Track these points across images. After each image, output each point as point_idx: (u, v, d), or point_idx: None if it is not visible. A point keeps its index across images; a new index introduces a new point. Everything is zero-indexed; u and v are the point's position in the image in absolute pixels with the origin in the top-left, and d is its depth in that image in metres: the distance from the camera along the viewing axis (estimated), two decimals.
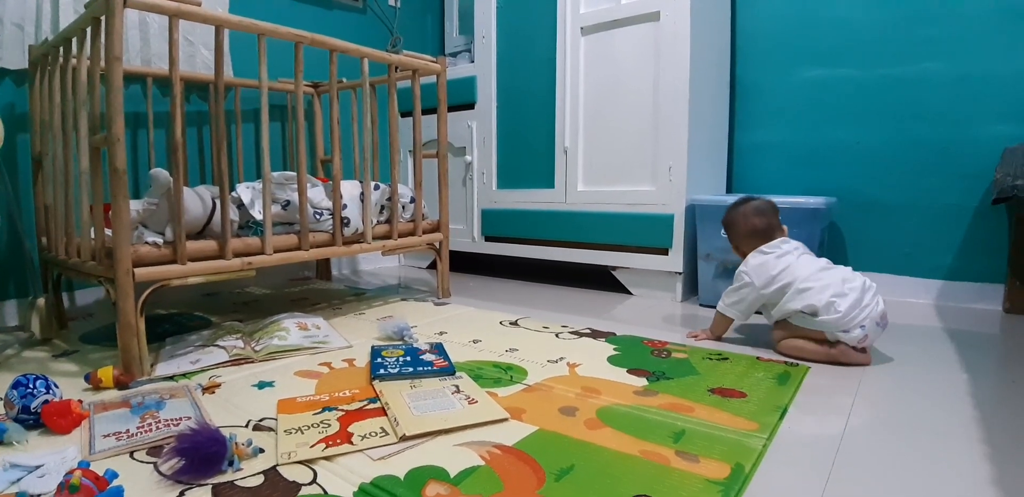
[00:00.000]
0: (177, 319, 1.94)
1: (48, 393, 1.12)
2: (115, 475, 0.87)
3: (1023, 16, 1.95)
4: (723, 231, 1.75)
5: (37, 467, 0.90)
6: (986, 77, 2.03)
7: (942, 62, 2.09)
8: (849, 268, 1.55)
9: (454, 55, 3.03)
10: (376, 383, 1.26)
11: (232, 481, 0.88)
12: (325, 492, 0.85)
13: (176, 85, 1.40)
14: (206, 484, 0.87)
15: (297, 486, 0.87)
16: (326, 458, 0.95)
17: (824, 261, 1.58)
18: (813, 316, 1.46)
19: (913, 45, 2.13)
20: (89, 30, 1.37)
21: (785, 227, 1.65)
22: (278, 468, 0.92)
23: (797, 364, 1.43)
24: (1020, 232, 1.96)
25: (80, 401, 1.14)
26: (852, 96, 2.25)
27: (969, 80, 2.05)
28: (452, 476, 0.89)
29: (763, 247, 1.61)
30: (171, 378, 1.35)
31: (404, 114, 2.79)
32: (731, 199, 1.95)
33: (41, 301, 1.69)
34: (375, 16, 3.07)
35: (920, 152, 2.15)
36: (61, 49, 1.54)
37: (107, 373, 1.28)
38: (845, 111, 2.27)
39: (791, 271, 1.53)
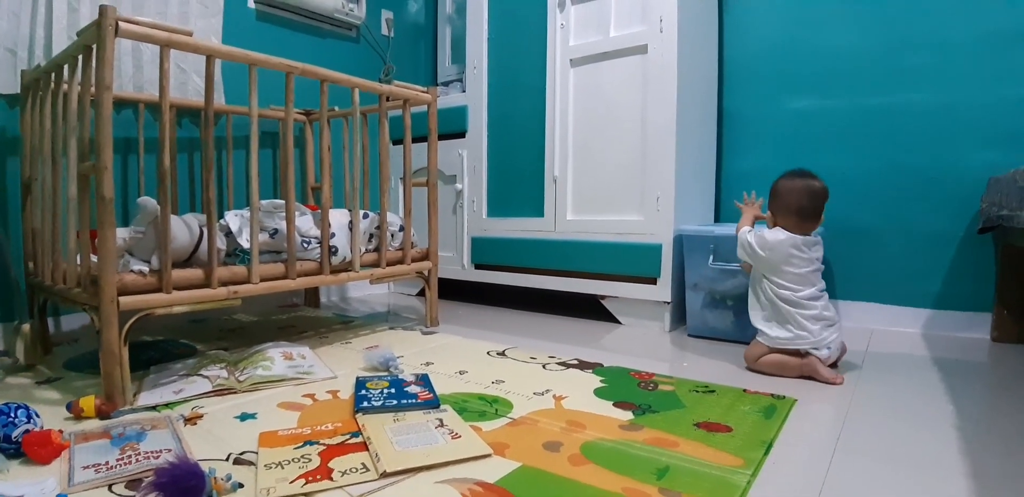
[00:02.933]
0: (162, 346, 1.92)
1: (29, 422, 1.11)
2: None
3: (1006, 44, 2.00)
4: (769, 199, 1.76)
5: None
6: (971, 105, 2.06)
7: (927, 91, 2.13)
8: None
9: (446, 84, 3.06)
10: (359, 416, 1.25)
11: None
12: None
13: (165, 114, 1.41)
14: None
15: None
16: (305, 494, 0.93)
17: (821, 285, 1.67)
18: (784, 326, 1.64)
19: (898, 74, 2.17)
20: (81, 58, 1.38)
21: (823, 217, 1.70)
22: None
23: (783, 397, 1.43)
24: (1007, 261, 1.98)
25: (61, 431, 1.13)
26: (838, 125, 2.29)
27: (954, 108, 2.09)
28: None
29: (801, 244, 1.65)
30: (153, 408, 1.33)
31: (396, 142, 2.81)
32: (718, 229, 1.98)
33: (26, 327, 1.67)
34: (368, 45, 3.10)
35: (906, 180, 2.18)
36: (53, 75, 1.55)
37: (89, 403, 1.27)
38: (831, 140, 2.30)
39: (797, 279, 1.64)
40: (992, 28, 2.01)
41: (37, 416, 1.14)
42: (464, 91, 2.75)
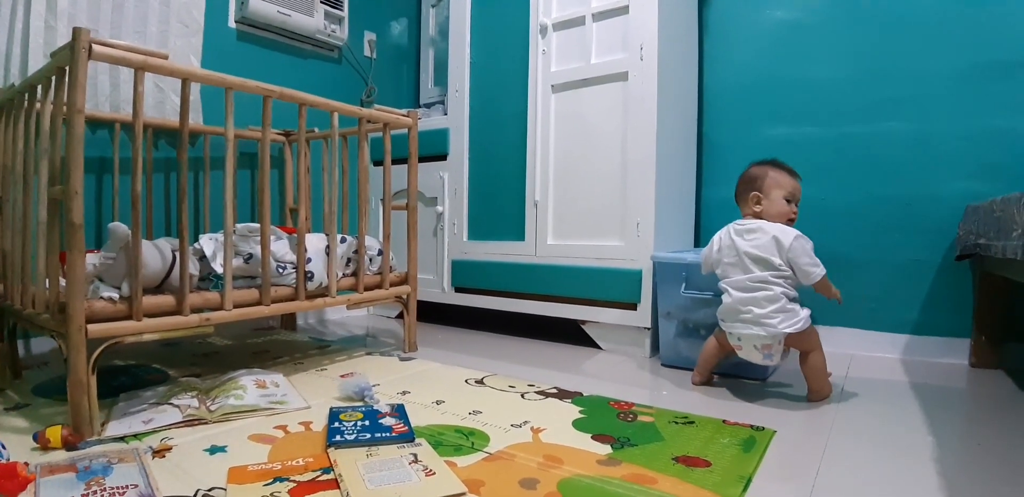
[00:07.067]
0: (133, 371, 1.87)
1: None
2: None
3: (984, 76, 2.03)
4: None
5: None
6: (947, 135, 2.10)
7: (904, 121, 2.16)
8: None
9: (429, 106, 3.06)
10: (331, 451, 1.22)
11: None
12: None
13: (139, 139, 1.39)
14: None
15: None
16: None
17: (756, 274, 1.64)
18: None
19: (875, 104, 2.21)
20: (54, 79, 1.36)
21: (756, 196, 1.73)
22: None
23: (763, 428, 1.41)
24: (984, 288, 1.99)
25: (27, 463, 1.09)
26: (816, 154, 2.31)
27: (931, 138, 2.12)
28: None
29: (731, 232, 1.73)
30: (122, 439, 1.30)
31: (377, 162, 2.80)
32: (690, 256, 1.97)
33: None
34: (350, 66, 3.10)
35: (884, 208, 2.20)
36: (27, 95, 1.52)
37: (55, 433, 1.23)
38: (810, 169, 2.29)
39: (727, 268, 1.71)
40: (970, 60, 2.05)
41: (3, 448, 1.12)
42: (446, 114, 2.74)
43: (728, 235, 1.72)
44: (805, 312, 1.62)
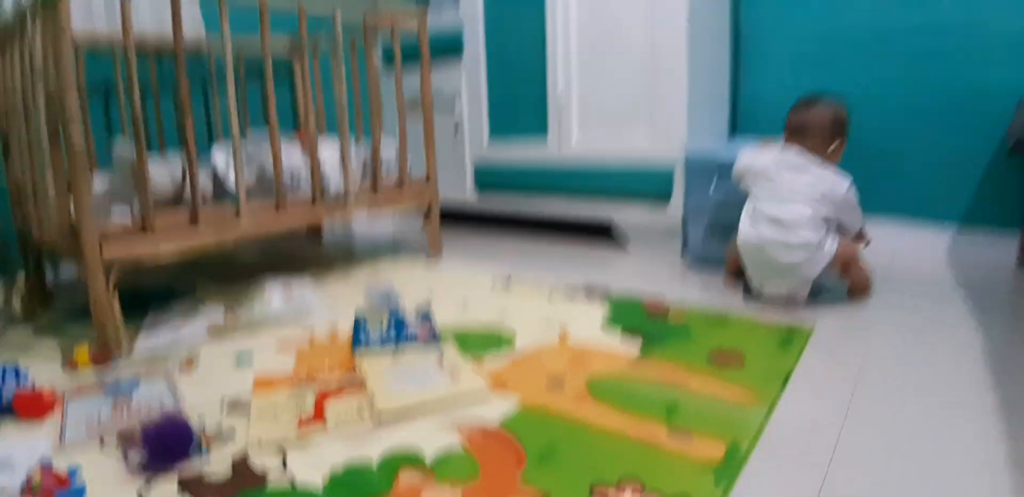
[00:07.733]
0: (156, 289, 1.87)
1: (19, 382, 1.08)
2: (76, 471, 0.85)
3: None
4: None
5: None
6: (1001, 23, 1.90)
7: (957, 7, 1.96)
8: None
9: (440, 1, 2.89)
10: (357, 357, 1.21)
11: (200, 473, 0.84)
12: (293, 484, 0.81)
13: (131, 51, 1.32)
14: (173, 475, 0.84)
15: (264, 476, 0.83)
16: (298, 442, 0.91)
17: (796, 212, 1.49)
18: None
19: None
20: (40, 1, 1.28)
21: (839, 145, 1.60)
22: (248, 455, 0.88)
23: (800, 326, 1.35)
24: None
25: (53, 389, 1.10)
26: (862, 41, 2.11)
27: (984, 26, 1.92)
28: (428, 461, 0.84)
29: (781, 163, 1.56)
30: (149, 355, 1.31)
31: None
32: (724, 152, 1.84)
33: (21, 278, 1.64)
34: None
35: (933, 98, 2.03)
36: (18, 24, 1.44)
37: (83, 353, 1.26)
38: (856, 57, 2.13)
39: (768, 191, 1.56)
40: None
41: (26, 377, 1.12)
42: (458, 7, 2.58)
43: (774, 165, 1.55)
44: (831, 241, 1.50)
